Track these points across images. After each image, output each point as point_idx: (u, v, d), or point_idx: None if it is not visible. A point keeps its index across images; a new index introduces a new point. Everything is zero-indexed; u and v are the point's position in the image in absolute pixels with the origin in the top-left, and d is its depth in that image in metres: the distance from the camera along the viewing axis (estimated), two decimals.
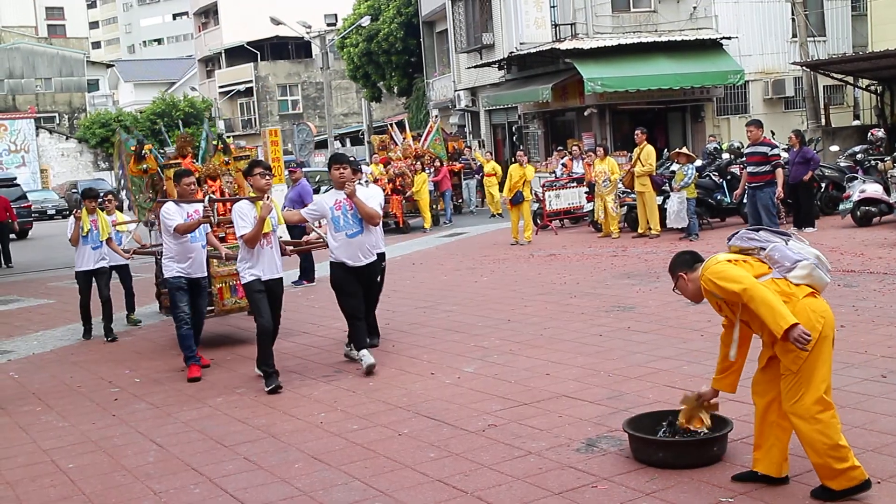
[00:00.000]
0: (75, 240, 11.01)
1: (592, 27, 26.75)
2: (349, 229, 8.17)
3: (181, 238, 8.67)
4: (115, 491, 5.63)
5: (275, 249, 8.08)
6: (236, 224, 7.95)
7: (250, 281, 7.91)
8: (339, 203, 8.19)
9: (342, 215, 8.17)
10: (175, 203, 8.86)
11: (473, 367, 8.08)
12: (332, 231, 8.24)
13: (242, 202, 8.10)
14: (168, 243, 8.77)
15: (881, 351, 7.41)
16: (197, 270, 8.87)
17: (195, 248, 8.83)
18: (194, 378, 8.44)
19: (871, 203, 15.82)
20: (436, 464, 5.61)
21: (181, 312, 8.68)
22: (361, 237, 8.21)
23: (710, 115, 28.25)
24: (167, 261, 8.79)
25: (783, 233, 4.90)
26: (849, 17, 29.67)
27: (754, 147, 12.89)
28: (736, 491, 4.80)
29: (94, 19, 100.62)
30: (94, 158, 55.03)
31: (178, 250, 8.73)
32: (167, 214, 8.67)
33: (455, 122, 36.27)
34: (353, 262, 8.22)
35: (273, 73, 59.47)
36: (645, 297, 10.81)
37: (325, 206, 8.27)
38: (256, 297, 7.89)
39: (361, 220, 8.17)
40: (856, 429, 5.58)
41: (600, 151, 17.99)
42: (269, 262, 7.97)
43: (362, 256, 8.25)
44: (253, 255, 7.90)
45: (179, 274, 8.72)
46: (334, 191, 8.34)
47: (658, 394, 6.71)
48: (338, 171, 8.18)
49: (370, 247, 8.33)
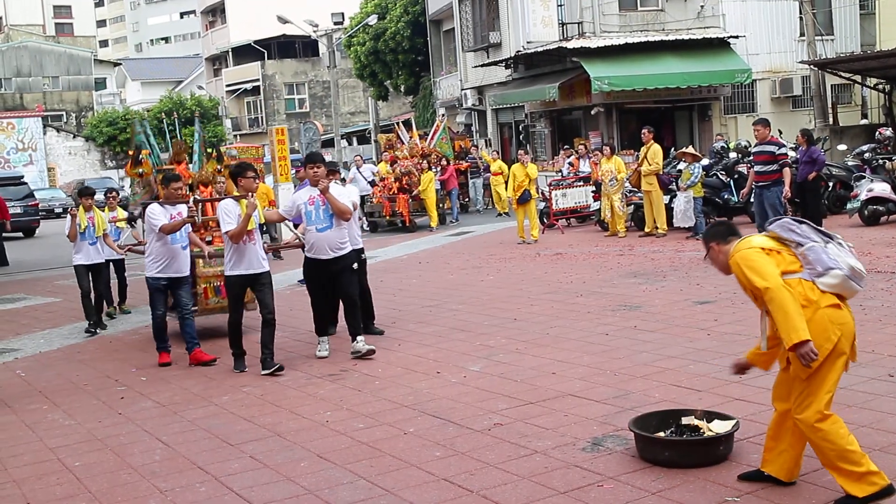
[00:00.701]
0: (73, 236, 11.39)
1: (599, 26, 26.69)
2: (319, 224, 8.67)
3: (164, 238, 9.04)
4: (121, 489, 5.63)
5: (258, 245, 8.65)
6: (221, 221, 8.54)
7: (234, 276, 8.57)
8: (313, 199, 8.71)
9: (314, 210, 8.68)
10: (160, 205, 9.24)
11: (479, 365, 8.07)
12: (305, 225, 8.83)
13: (227, 201, 8.71)
14: (152, 244, 9.15)
15: (888, 350, 7.38)
16: (178, 270, 9.24)
17: (176, 250, 9.18)
18: (165, 363, 9.16)
19: (879, 202, 15.79)
20: (441, 462, 5.60)
21: (158, 311, 9.19)
22: (330, 232, 8.68)
23: (718, 114, 28.17)
24: (149, 261, 9.16)
25: (827, 234, 4.72)
26: (857, 15, 29.55)
27: (762, 146, 12.85)
28: (742, 490, 4.79)
29: (102, 18, 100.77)
30: (102, 157, 55.16)
31: (161, 251, 9.10)
32: (152, 215, 9.06)
33: (462, 120, 36.23)
34: (321, 256, 8.72)
35: (280, 72, 59.50)
36: (651, 296, 10.79)
37: (299, 202, 8.83)
38: (235, 293, 8.67)
39: (332, 215, 8.64)
40: (863, 428, 5.56)
41: (606, 150, 17.97)
42: (253, 257, 8.56)
43: (329, 250, 8.69)
44: (237, 252, 8.49)
45: (159, 275, 9.12)
46: (309, 187, 8.84)
47: (664, 393, 6.70)
48: (312, 169, 8.75)
49: (340, 241, 8.76)
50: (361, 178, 23.72)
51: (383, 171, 23.70)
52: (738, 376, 5.30)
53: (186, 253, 9.39)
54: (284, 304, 11.83)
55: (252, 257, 8.55)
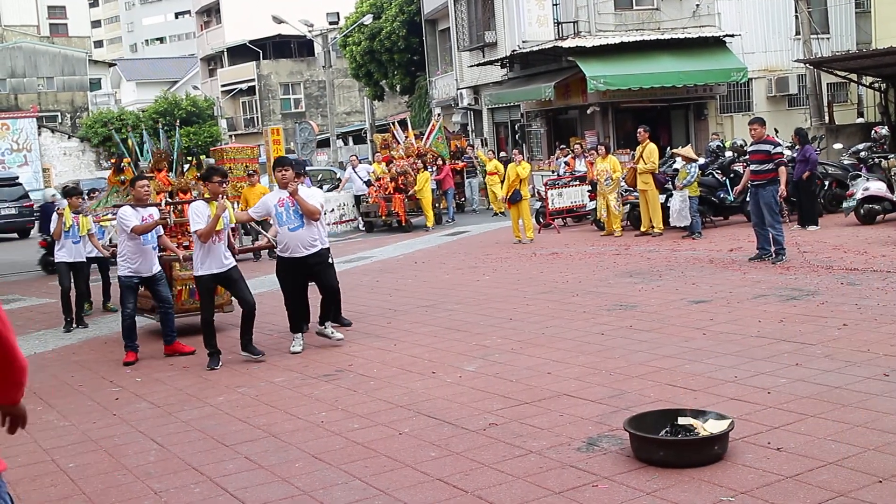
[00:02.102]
0: (58, 234, 11.79)
1: (595, 25, 26.70)
2: (290, 223, 9.04)
3: (136, 239, 9.41)
4: (115, 490, 5.62)
5: (224, 244, 9.08)
6: (192, 221, 8.95)
7: (202, 275, 9.02)
8: (283, 201, 9.06)
9: (285, 211, 9.04)
10: (132, 207, 9.61)
11: (475, 365, 8.06)
12: (276, 226, 9.17)
13: (198, 202, 9.17)
14: (123, 244, 9.54)
15: (884, 349, 7.38)
16: (149, 269, 9.62)
17: (147, 250, 9.57)
18: (129, 362, 9.37)
19: (875, 201, 15.79)
20: (436, 463, 5.59)
21: (128, 308, 9.49)
22: (302, 231, 9.04)
23: (714, 113, 28.20)
24: (121, 261, 9.54)
25: None
26: (853, 14, 29.59)
27: (757, 145, 12.84)
28: (737, 490, 4.78)
29: (96, 18, 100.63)
30: (97, 157, 54.97)
31: (132, 250, 9.47)
32: (124, 217, 9.46)
33: (458, 120, 36.22)
34: (294, 254, 9.08)
35: (275, 72, 59.46)
36: (647, 295, 10.79)
37: (269, 205, 9.18)
38: (205, 290, 9.12)
39: (302, 215, 9.00)
40: (858, 427, 5.56)
41: (601, 150, 17.96)
42: (219, 256, 8.97)
43: (302, 248, 9.07)
44: (207, 251, 8.92)
45: (131, 273, 9.48)
46: (279, 190, 9.18)
47: (659, 393, 6.69)
48: (280, 172, 9.10)
49: (311, 239, 9.11)
50: (357, 178, 23.70)
51: (379, 171, 23.67)
52: (732, 377, 5.28)
53: (155, 253, 9.78)
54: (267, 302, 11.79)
55: (220, 256, 8.98)
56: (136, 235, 9.35)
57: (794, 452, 5.24)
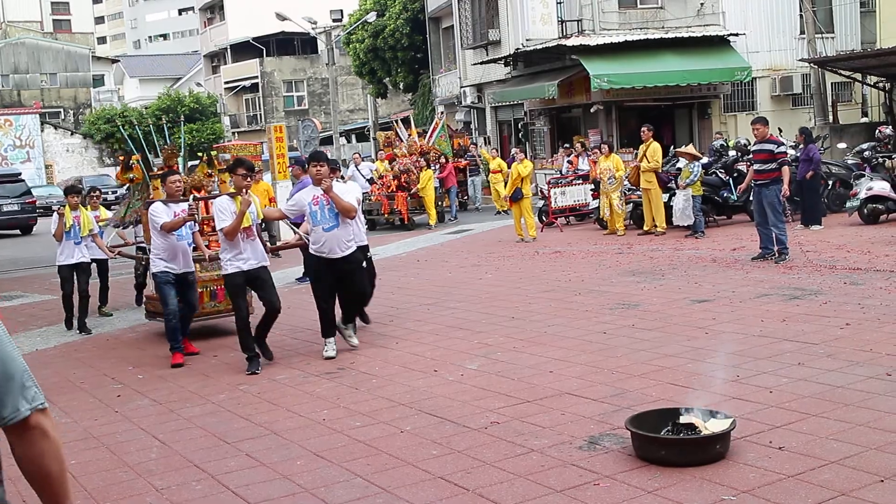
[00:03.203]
0: (59, 235, 11.26)
1: (599, 23, 26.66)
2: (325, 223, 8.60)
3: (168, 236, 9.12)
4: (116, 487, 5.62)
5: (256, 241, 8.62)
6: (216, 218, 8.53)
7: (231, 273, 8.52)
8: (317, 198, 8.63)
9: (319, 210, 8.60)
10: (163, 203, 9.34)
11: (477, 364, 8.06)
12: (311, 225, 8.71)
13: (223, 197, 8.69)
14: (156, 241, 9.22)
15: (886, 349, 7.36)
16: (183, 266, 9.32)
17: (181, 246, 9.28)
18: (177, 364, 8.96)
19: (879, 200, 15.76)
20: (438, 461, 5.59)
21: (170, 306, 9.10)
22: (337, 231, 8.62)
23: (717, 112, 28.15)
24: (155, 258, 9.23)
25: None
26: (857, 13, 29.51)
27: (761, 144, 12.82)
28: (738, 489, 4.77)
29: (100, 14, 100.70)
30: (100, 154, 55.05)
31: (165, 247, 9.16)
32: (154, 213, 9.15)
33: (461, 118, 36.21)
34: (329, 254, 8.65)
35: (279, 69, 59.44)
36: (650, 294, 10.78)
37: (303, 202, 8.73)
38: (235, 290, 8.57)
39: (338, 214, 8.58)
40: (860, 427, 5.55)
41: (605, 149, 17.95)
42: (252, 252, 8.53)
43: (338, 249, 8.65)
44: (235, 247, 8.46)
45: (167, 269, 9.16)
46: (312, 187, 8.76)
47: (661, 391, 6.68)
48: (315, 168, 8.69)
49: (346, 240, 8.72)
50: (360, 176, 23.68)
51: (382, 169, 23.66)
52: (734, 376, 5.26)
53: (189, 250, 9.49)
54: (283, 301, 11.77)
55: (250, 254, 8.52)
56: (165, 232, 9.09)
57: (795, 451, 5.23)
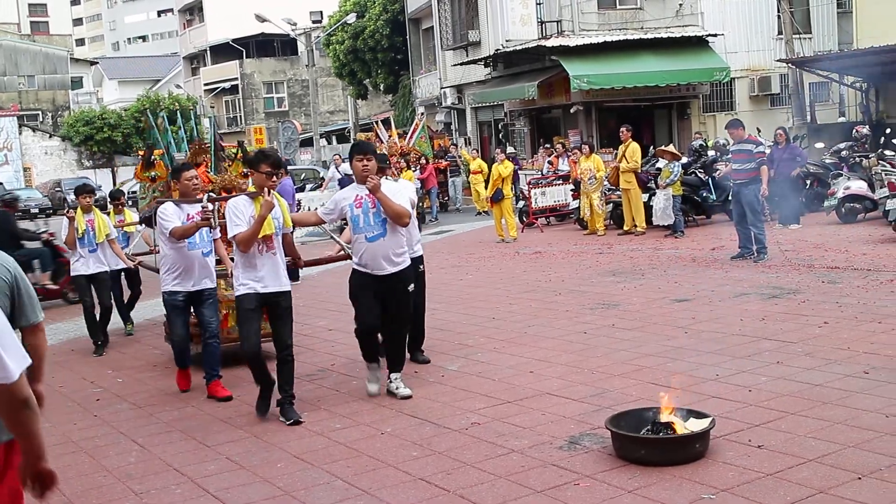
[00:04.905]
0: (71, 242, 9.81)
1: (578, 24, 26.73)
2: (369, 231, 6.94)
3: (178, 244, 7.50)
4: (95, 492, 5.59)
5: (279, 256, 6.81)
6: (229, 222, 6.71)
7: (242, 294, 6.73)
8: (360, 200, 6.98)
9: (362, 214, 6.95)
10: (175, 203, 7.68)
11: (457, 365, 8.06)
12: (352, 233, 7.13)
13: (240, 198, 6.89)
14: (165, 251, 7.63)
15: (864, 347, 7.42)
16: (199, 282, 7.64)
17: (195, 257, 7.58)
18: (183, 390, 7.82)
19: (856, 200, 15.88)
20: (418, 462, 5.58)
21: (177, 334, 7.74)
22: (384, 241, 6.94)
23: (696, 113, 28.27)
24: (164, 273, 7.67)
25: None
26: (834, 14, 29.72)
27: (739, 145, 12.90)
28: (718, 488, 4.80)
29: (78, 16, 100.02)
30: (79, 156, 54.73)
31: (176, 259, 7.56)
32: (164, 216, 7.49)
33: (441, 119, 36.21)
34: (374, 270, 6.98)
35: (258, 71, 59.25)
36: (630, 294, 10.81)
37: (343, 204, 7.07)
38: (245, 316, 6.75)
39: (385, 220, 6.92)
40: (838, 425, 5.59)
41: (585, 149, 18.00)
42: (270, 271, 6.70)
43: (385, 264, 6.97)
44: (249, 263, 6.68)
45: (176, 289, 7.58)
46: (355, 185, 7.12)
47: (642, 391, 6.70)
48: (360, 162, 6.97)
49: (396, 253, 7.03)
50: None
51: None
52: (714, 375, 5.29)
53: (209, 261, 7.75)
54: None
55: (268, 272, 6.70)
56: (176, 239, 7.43)
57: (774, 450, 5.26)
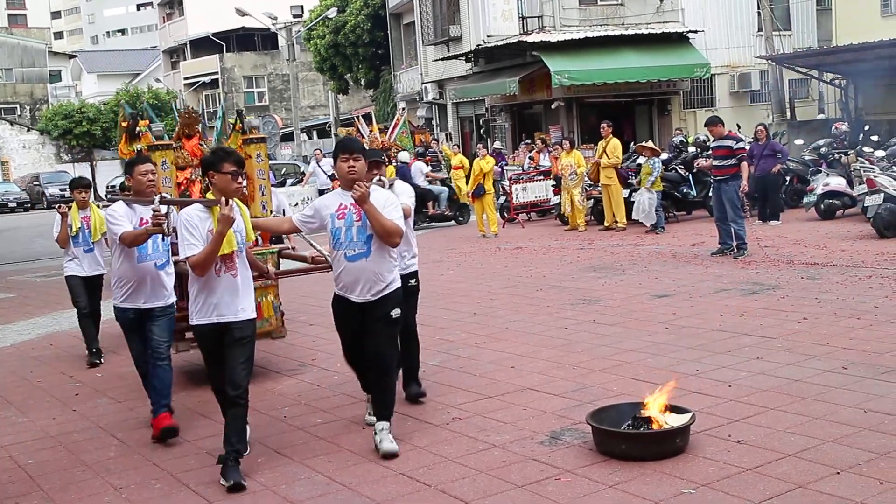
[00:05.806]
0: (63, 241, 8.99)
1: (559, 20, 26.74)
2: (350, 249, 5.69)
3: (129, 253, 6.38)
4: (75, 486, 5.55)
5: (240, 277, 5.54)
6: (181, 240, 5.45)
7: (200, 325, 5.52)
8: (344, 210, 5.71)
9: (344, 227, 5.70)
10: (126, 203, 6.50)
11: (438, 360, 8.05)
12: (331, 247, 5.89)
13: (192, 208, 5.54)
14: (115, 259, 6.52)
15: (842, 343, 7.47)
16: (150, 300, 6.46)
17: (146, 270, 6.43)
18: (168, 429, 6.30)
19: (835, 196, 15.98)
20: (399, 457, 5.57)
21: (133, 355, 6.69)
22: (367, 262, 5.67)
23: (677, 109, 28.36)
24: (114, 285, 6.54)
25: None
26: (814, 11, 29.90)
27: (719, 141, 12.96)
28: (698, 482, 4.82)
29: (56, 9, 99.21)
30: (57, 150, 54.35)
31: (126, 270, 6.43)
32: (113, 218, 6.39)
33: (422, 114, 36.19)
34: (352, 295, 5.75)
35: (239, 65, 59.03)
36: (611, 290, 10.84)
37: (324, 212, 5.82)
38: (206, 350, 5.64)
39: (371, 237, 5.65)
40: (817, 420, 5.62)
41: (566, 145, 18.02)
42: (226, 296, 5.46)
43: (366, 289, 5.71)
44: (206, 288, 5.46)
45: (126, 305, 6.46)
46: (340, 190, 5.85)
47: (622, 386, 6.72)
48: (346, 163, 5.64)
49: (381, 276, 5.72)
50: (321, 173, 23.61)
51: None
52: (694, 370, 5.31)
53: (164, 275, 6.53)
54: None
55: (223, 296, 5.46)
56: (126, 246, 6.32)
57: (754, 445, 5.29)
